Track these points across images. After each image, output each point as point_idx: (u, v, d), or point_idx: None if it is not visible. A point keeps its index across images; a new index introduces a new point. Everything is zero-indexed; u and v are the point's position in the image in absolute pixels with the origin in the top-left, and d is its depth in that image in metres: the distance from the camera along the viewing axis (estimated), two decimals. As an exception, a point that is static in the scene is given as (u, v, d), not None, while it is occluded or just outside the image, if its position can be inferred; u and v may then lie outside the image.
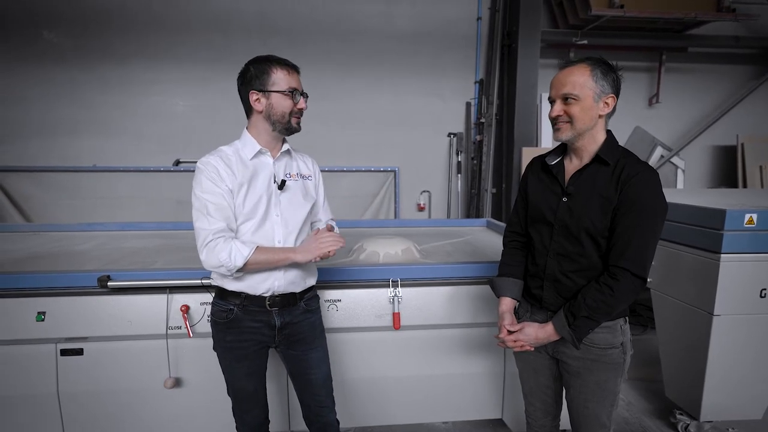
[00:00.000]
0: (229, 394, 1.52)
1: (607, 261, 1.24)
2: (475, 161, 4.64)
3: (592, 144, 1.27)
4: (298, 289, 1.47)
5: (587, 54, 4.64)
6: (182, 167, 4.31)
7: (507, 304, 1.41)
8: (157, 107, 4.37)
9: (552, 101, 1.27)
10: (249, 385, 1.49)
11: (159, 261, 2.14)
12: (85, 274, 1.74)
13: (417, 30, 4.50)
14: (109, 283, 1.69)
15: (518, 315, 1.45)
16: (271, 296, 1.42)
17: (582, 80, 1.21)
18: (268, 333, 1.45)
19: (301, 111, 1.42)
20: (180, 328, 1.73)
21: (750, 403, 2.16)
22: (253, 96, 1.38)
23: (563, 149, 1.38)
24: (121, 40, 4.24)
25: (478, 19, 4.53)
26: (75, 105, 4.29)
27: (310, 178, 1.54)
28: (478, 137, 4.58)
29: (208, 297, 1.75)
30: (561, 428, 1.58)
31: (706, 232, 2.03)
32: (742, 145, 4.78)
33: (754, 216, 1.97)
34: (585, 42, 4.33)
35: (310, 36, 4.40)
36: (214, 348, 1.49)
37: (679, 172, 4.82)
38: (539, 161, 1.42)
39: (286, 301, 1.45)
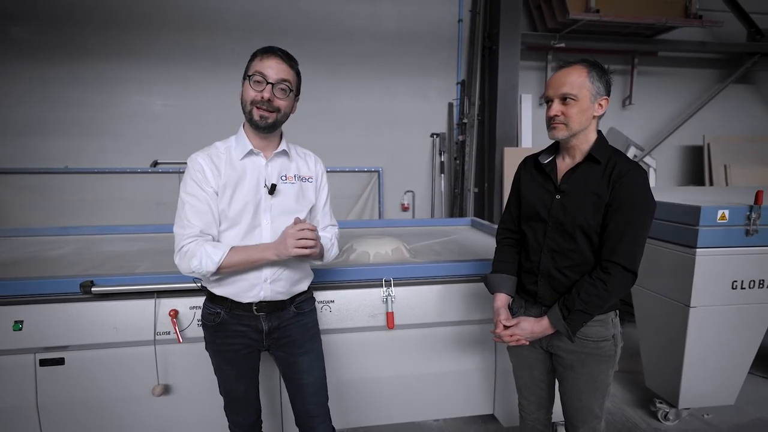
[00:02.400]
0: (221, 393, 1.49)
1: (599, 256, 1.28)
2: (457, 161, 4.70)
3: (584, 143, 1.31)
4: (286, 297, 1.40)
5: (564, 57, 4.75)
6: (161, 168, 4.18)
7: (502, 299, 1.44)
8: (134, 107, 4.23)
9: (549, 101, 1.30)
10: (239, 388, 1.46)
11: (142, 265, 2.08)
12: (66, 279, 1.67)
13: (401, 30, 4.53)
14: (93, 289, 1.63)
15: (512, 311, 1.48)
16: (258, 302, 1.36)
17: (580, 81, 1.24)
18: (256, 337, 1.40)
19: (266, 102, 1.25)
20: (169, 333, 1.68)
21: (723, 390, 2.28)
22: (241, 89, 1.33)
23: (555, 148, 1.42)
24: (96, 36, 4.08)
25: (459, 21, 4.60)
26: (46, 103, 4.10)
27: (310, 180, 1.43)
28: (460, 137, 4.64)
29: (198, 301, 1.71)
30: (552, 420, 1.63)
31: (683, 228, 2.13)
32: (709, 145, 5.02)
33: (726, 212, 2.08)
34: (563, 45, 4.46)
35: (294, 36, 4.35)
36: (206, 348, 1.46)
37: (651, 171, 5.04)
38: (532, 160, 1.46)
39: (274, 306, 1.38)
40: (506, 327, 1.36)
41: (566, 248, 1.30)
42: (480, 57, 4.48)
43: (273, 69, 1.26)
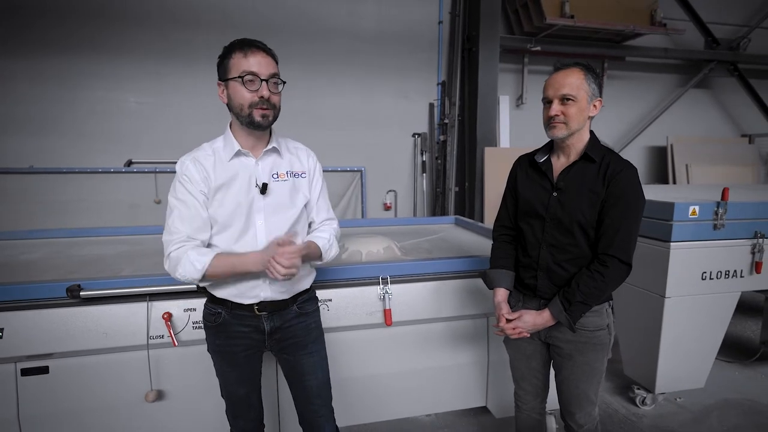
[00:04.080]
0: (222, 396, 1.46)
1: (595, 250, 1.35)
2: (439, 161, 4.77)
3: (579, 142, 1.38)
4: (287, 296, 1.38)
5: (541, 60, 4.86)
6: (135, 168, 4.02)
7: (502, 294, 1.49)
8: (104, 103, 4.04)
9: (548, 101, 1.36)
10: (240, 391, 1.44)
11: (126, 268, 2.00)
12: (50, 284, 1.59)
13: (381, 31, 4.55)
14: (82, 293, 1.55)
15: (509, 305, 1.52)
16: (259, 302, 1.34)
17: (578, 83, 1.31)
18: (258, 337, 1.38)
19: (266, 101, 1.22)
20: (163, 336, 1.63)
21: (695, 374, 2.44)
22: (219, 88, 1.28)
23: (549, 148, 1.48)
24: (62, 29, 3.86)
25: (440, 22, 4.67)
26: (8, 99, 3.85)
27: (303, 175, 1.40)
28: (441, 137, 4.72)
29: (192, 303, 1.67)
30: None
31: (658, 223, 2.26)
32: (672, 145, 5.33)
33: (697, 208, 2.23)
34: (538, 48, 4.61)
35: (273, 33, 4.28)
36: (208, 350, 1.43)
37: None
38: (527, 159, 1.52)
39: (276, 306, 1.36)
40: (509, 321, 1.41)
41: (564, 243, 1.37)
42: (460, 58, 4.57)
43: (262, 65, 1.22)
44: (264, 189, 1.29)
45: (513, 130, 4.95)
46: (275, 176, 1.33)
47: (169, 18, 4.06)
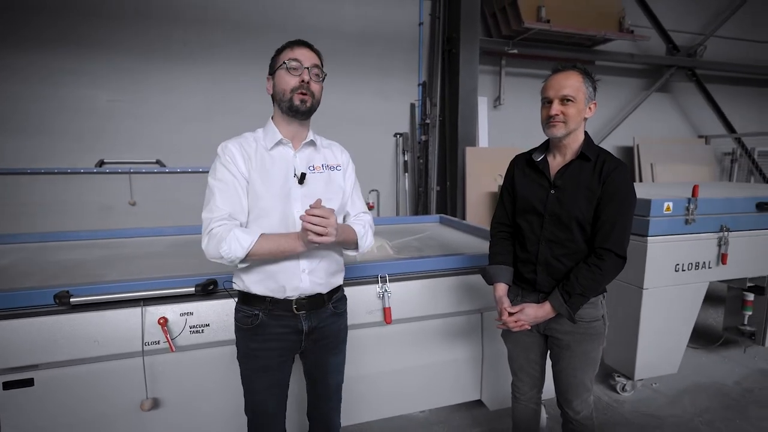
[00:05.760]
0: (246, 413, 1.42)
1: (590, 244, 1.42)
2: (421, 160, 4.82)
3: (575, 142, 1.44)
4: (324, 290, 1.38)
5: (517, 62, 4.98)
6: (108, 168, 3.83)
7: (503, 289, 1.54)
8: (75, 101, 3.82)
9: (548, 101, 1.41)
10: (270, 399, 1.39)
11: (111, 273, 1.92)
12: (35, 291, 1.50)
13: (363, 31, 4.56)
14: (72, 300, 1.48)
15: (509, 299, 1.57)
16: (297, 299, 1.33)
17: (577, 84, 1.37)
18: (295, 339, 1.37)
19: (305, 86, 1.29)
20: (159, 342, 1.57)
21: (668, 361, 2.59)
22: (268, 82, 1.37)
23: (545, 148, 1.54)
24: (30, 23, 3.63)
25: (420, 24, 4.72)
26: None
27: (338, 168, 1.43)
28: (423, 137, 4.77)
29: (189, 307, 1.63)
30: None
31: (636, 219, 2.38)
32: (638, 146, 5.63)
33: (671, 204, 2.37)
34: (515, 51, 4.75)
35: (253, 31, 4.20)
36: (238, 357, 1.40)
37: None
38: (523, 158, 1.57)
39: (313, 303, 1.36)
40: (511, 314, 1.46)
41: (562, 238, 1.43)
42: (440, 60, 4.63)
43: (305, 56, 1.32)
44: (302, 179, 1.33)
45: (491, 131, 5.07)
46: (312, 168, 1.37)
47: (144, 13, 3.89)
